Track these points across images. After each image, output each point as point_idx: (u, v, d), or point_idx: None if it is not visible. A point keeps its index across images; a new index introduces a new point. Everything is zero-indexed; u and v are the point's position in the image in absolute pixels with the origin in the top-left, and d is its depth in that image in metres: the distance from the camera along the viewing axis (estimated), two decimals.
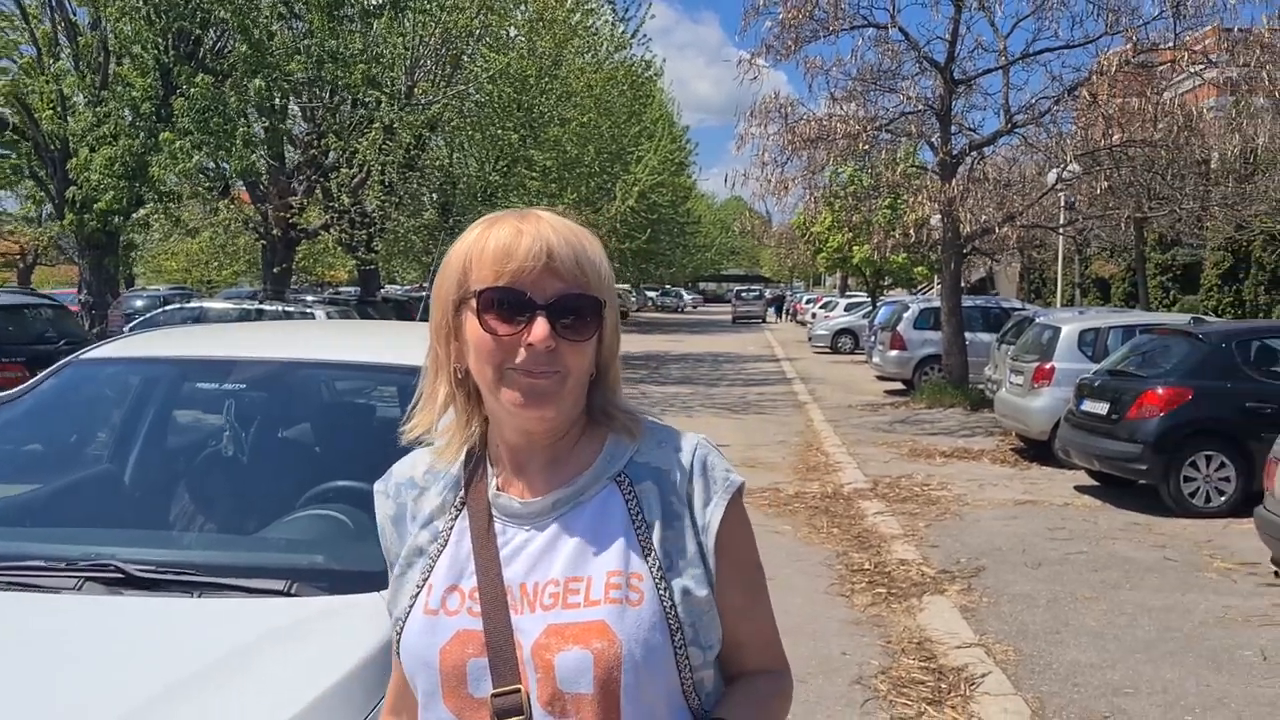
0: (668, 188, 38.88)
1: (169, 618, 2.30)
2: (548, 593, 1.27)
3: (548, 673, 1.23)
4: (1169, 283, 32.76)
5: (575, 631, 1.23)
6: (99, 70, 14.65)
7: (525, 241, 1.25)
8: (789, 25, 15.89)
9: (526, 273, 1.24)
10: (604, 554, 1.28)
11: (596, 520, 1.30)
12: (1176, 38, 15.36)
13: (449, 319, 1.31)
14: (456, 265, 1.30)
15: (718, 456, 1.36)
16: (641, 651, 1.23)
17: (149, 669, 2.06)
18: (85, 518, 3.06)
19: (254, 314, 15.94)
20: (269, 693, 1.99)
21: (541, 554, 1.30)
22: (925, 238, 18.36)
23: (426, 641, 1.29)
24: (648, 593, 1.26)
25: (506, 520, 1.32)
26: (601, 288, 1.29)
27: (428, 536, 1.36)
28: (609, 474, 1.33)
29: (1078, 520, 9.08)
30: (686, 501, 1.31)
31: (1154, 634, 6.04)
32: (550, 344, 1.24)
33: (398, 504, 1.42)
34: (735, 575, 1.33)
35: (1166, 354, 10.15)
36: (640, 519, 1.30)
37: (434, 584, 1.32)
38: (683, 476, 1.32)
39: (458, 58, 19.74)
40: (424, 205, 22.35)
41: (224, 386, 3.39)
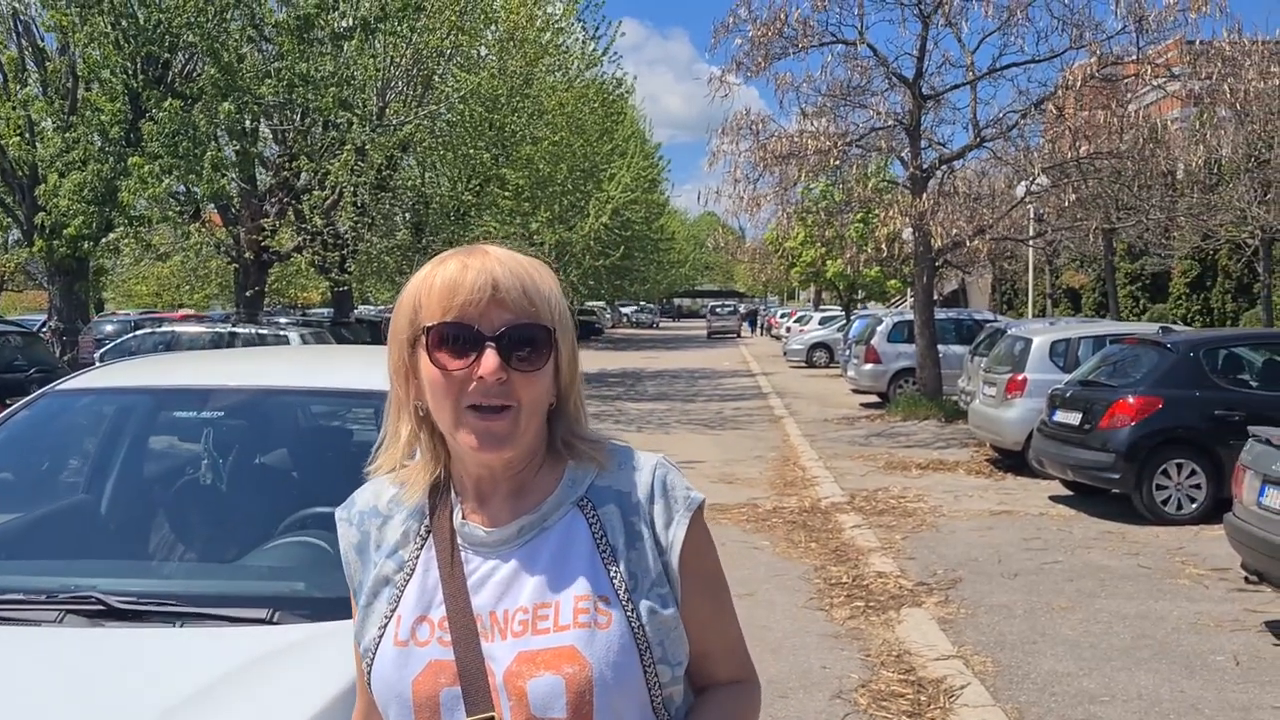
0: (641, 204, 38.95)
1: (152, 649, 2.31)
2: (517, 620, 1.28)
3: (520, 699, 1.25)
4: (1138, 292, 33.16)
5: (546, 658, 1.25)
6: (67, 95, 14.59)
7: (470, 275, 1.26)
8: (759, 42, 16.03)
9: (473, 306, 1.26)
10: (570, 579, 1.29)
11: (561, 546, 1.31)
12: (1140, 51, 15.59)
13: (405, 358, 1.32)
14: (408, 304, 1.31)
15: (677, 476, 1.38)
16: (612, 674, 1.25)
17: (135, 701, 2.07)
18: (64, 549, 3.05)
19: (227, 338, 15.87)
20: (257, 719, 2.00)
21: (509, 582, 1.31)
22: (897, 251, 18.51)
23: (398, 674, 1.30)
24: (615, 615, 1.28)
25: (472, 549, 1.33)
26: (551, 317, 1.30)
27: (393, 566, 1.36)
28: (571, 499, 1.34)
29: (1053, 530, 9.17)
30: (649, 522, 1.33)
31: (1129, 641, 6.10)
32: (500, 376, 1.25)
33: (361, 532, 1.41)
34: (700, 589, 1.36)
35: (1137, 363, 10.27)
36: (605, 542, 1.31)
37: (402, 615, 1.32)
38: (644, 497, 1.34)
39: (429, 78, 19.77)
40: (397, 226, 22.32)
41: (201, 415, 3.39)
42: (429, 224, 21.30)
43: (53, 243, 13.97)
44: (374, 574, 1.37)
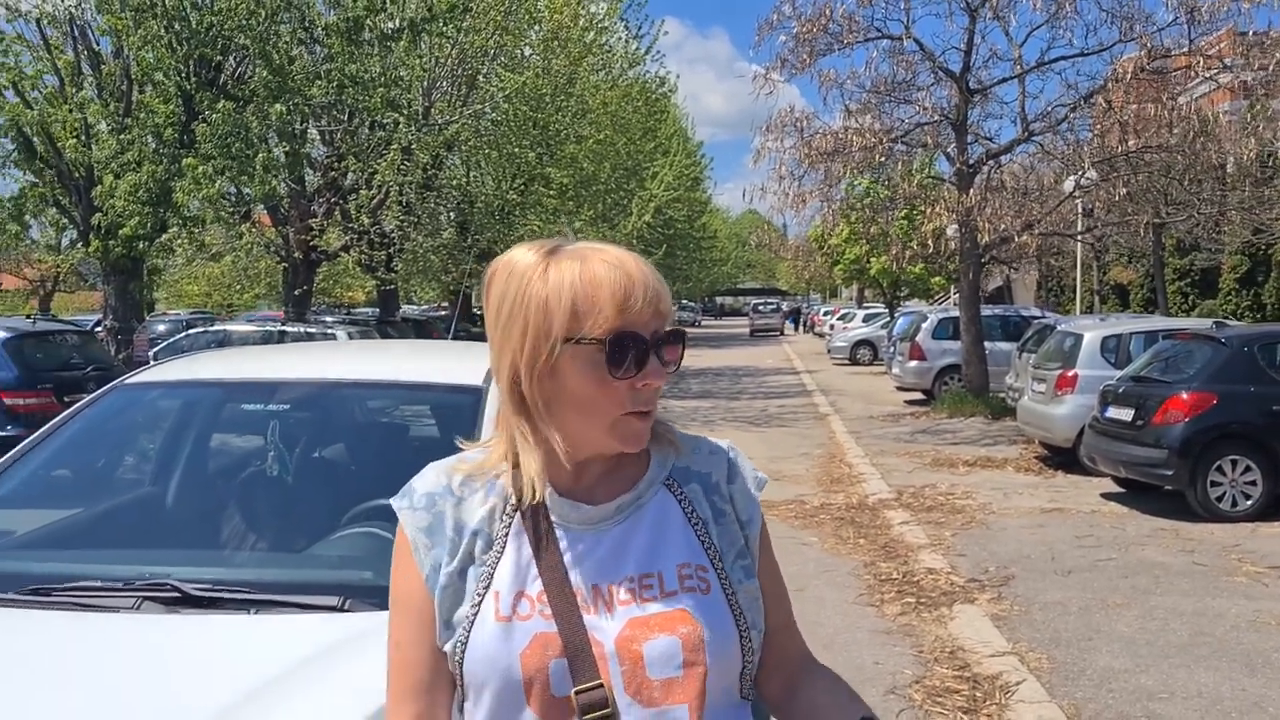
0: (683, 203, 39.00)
1: (228, 634, 2.36)
2: (624, 590, 1.33)
3: (636, 663, 1.30)
4: (1187, 288, 32.63)
5: (659, 621, 1.31)
6: (122, 98, 14.81)
7: (638, 282, 1.29)
8: (803, 39, 15.98)
9: (643, 314, 1.29)
10: (670, 550, 1.37)
11: (657, 521, 1.39)
12: (1191, 43, 15.36)
13: (544, 357, 1.30)
14: (562, 305, 1.29)
15: (745, 458, 1.49)
16: (718, 636, 1.33)
17: (214, 684, 2.12)
18: (137, 539, 3.13)
19: (276, 336, 16.09)
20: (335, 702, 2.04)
21: (610, 555, 1.36)
22: (942, 248, 18.37)
23: (503, 648, 1.30)
24: (713, 582, 1.36)
25: (567, 526, 1.36)
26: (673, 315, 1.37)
27: (480, 544, 1.36)
28: (660, 479, 1.42)
29: (1105, 527, 9.07)
30: (730, 500, 1.43)
31: (1186, 638, 6.03)
32: (665, 380, 1.33)
33: (432, 514, 1.39)
34: (769, 563, 1.47)
35: (1190, 359, 10.13)
36: (695, 517, 1.40)
37: (499, 590, 1.33)
38: (723, 478, 1.44)
39: (474, 78, 19.92)
40: (442, 225, 22.51)
41: (268, 407, 3.45)
42: (474, 223, 21.47)
43: (109, 243, 14.20)
44: (457, 553, 1.36)
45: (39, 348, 11.77)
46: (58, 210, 15.56)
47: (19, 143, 14.50)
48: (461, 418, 3.16)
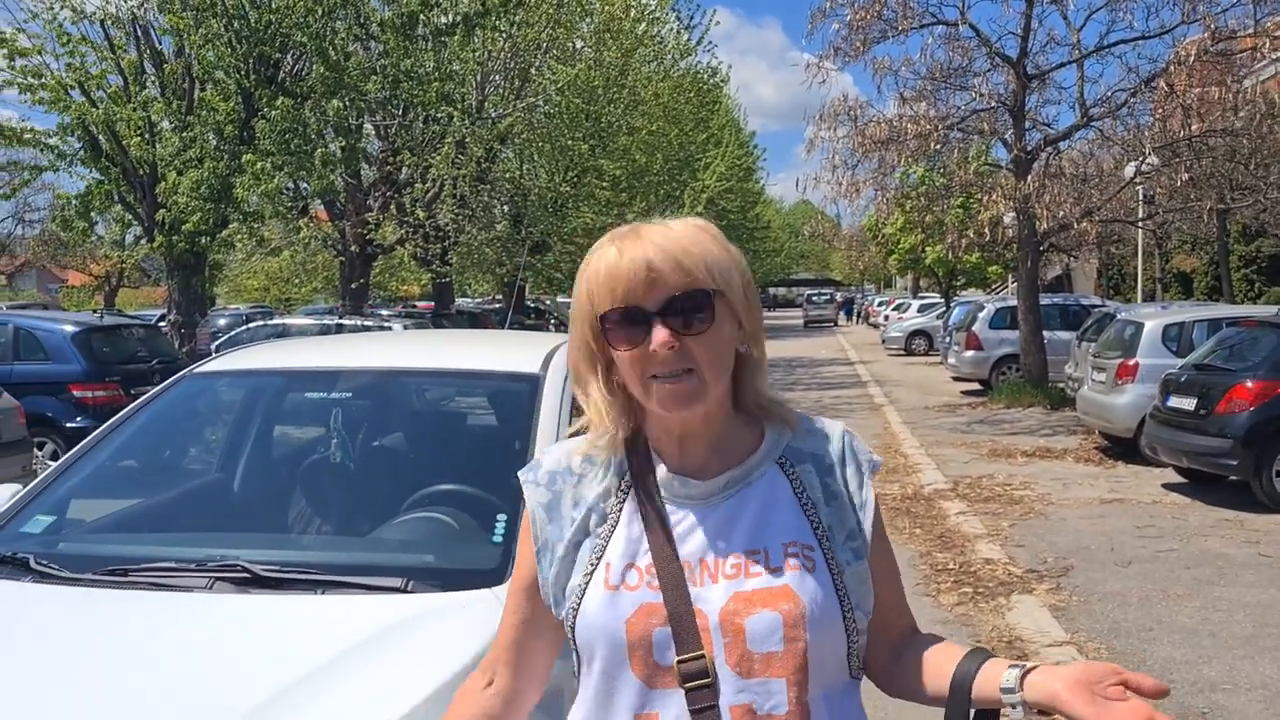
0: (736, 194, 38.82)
1: (298, 613, 2.43)
2: (729, 564, 1.38)
3: (737, 635, 1.35)
4: (1254, 275, 31.88)
5: (762, 596, 1.36)
6: (184, 96, 15.12)
7: (625, 261, 1.36)
8: (857, 26, 15.83)
9: (634, 288, 1.35)
10: (778, 527, 1.41)
11: (767, 498, 1.43)
12: (1257, 24, 15.00)
13: (589, 339, 1.42)
14: (582, 292, 1.41)
15: (860, 441, 1.52)
16: (820, 613, 1.36)
17: (287, 658, 2.19)
18: (208, 522, 3.23)
19: (334, 329, 16.34)
20: (398, 680, 2.10)
21: (718, 530, 1.40)
22: (999, 236, 18.12)
23: (609, 614, 1.38)
24: (818, 561, 1.40)
25: (677, 501, 1.42)
26: (711, 279, 1.37)
27: (595, 519, 1.44)
28: (773, 457, 1.46)
29: (1167, 518, 8.93)
30: (844, 482, 1.46)
31: (1251, 630, 5.93)
32: (671, 344, 1.34)
33: (552, 491, 1.48)
34: (881, 544, 1.49)
35: (1255, 347, 9.92)
36: (805, 496, 1.44)
37: (610, 561, 1.41)
38: (837, 460, 1.47)
39: (527, 71, 20.03)
40: (496, 217, 22.68)
41: (331, 395, 3.53)
42: (527, 215, 21.59)
43: (172, 238, 14.51)
44: (572, 528, 1.45)
45: (106, 341, 12.08)
46: (123, 207, 15.92)
47: (85, 141, 14.86)
48: (519, 405, 3.22)
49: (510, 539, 2.72)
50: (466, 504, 3.08)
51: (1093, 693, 1.27)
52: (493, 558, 2.70)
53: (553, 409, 3.13)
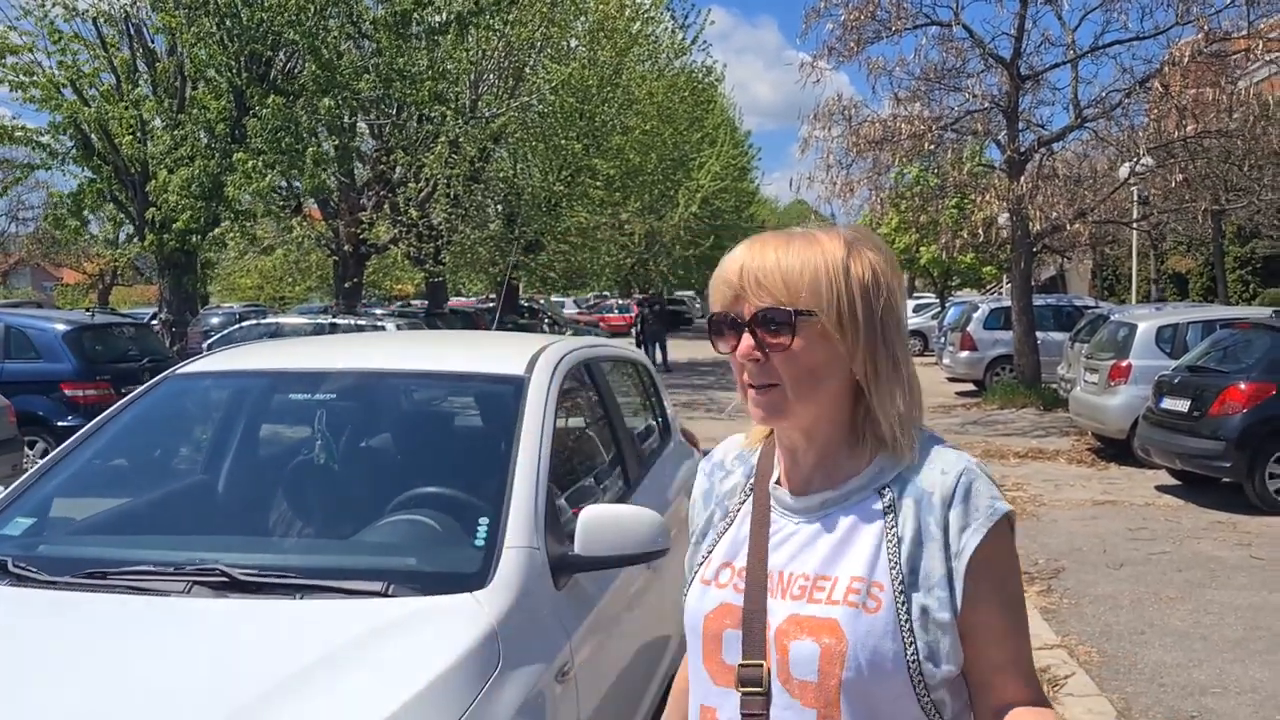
0: (730, 193, 38.86)
1: (275, 618, 2.40)
2: (797, 584, 1.38)
3: (784, 655, 1.35)
4: (1249, 276, 31.93)
5: (811, 625, 1.34)
6: (176, 94, 15.08)
7: (728, 267, 1.40)
8: (851, 26, 15.82)
9: (730, 297, 1.39)
10: (852, 559, 1.36)
11: (854, 526, 1.38)
12: (1250, 25, 15.01)
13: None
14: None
15: (985, 484, 1.38)
16: (867, 656, 1.31)
17: (261, 665, 2.16)
18: (188, 525, 3.20)
19: (327, 328, 16.29)
20: (375, 687, 2.07)
21: (801, 547, 1.41)
22: (994, 237, 18.12)
23: (697, 606, 1.45)
24: (885, 603, 1.33)
25: (780, 511, 1.45)
26: (797, 299, 1.34)
27: (720, 514, 1.53)
28: (875, 486, 1.39)
29: (1159, 520, 8.92)
30: (944, 525, 1.35)
31: (1241, 633, 5.92)
32: (754, 355, 1.36)
33: (709, 480, 1.58)
34: (989, 599, 1.35)
35: (1249, 349, 9.91)
36: (894, 533, 1.36)
37: (714, 558, 1.48)
38: (942, 500, 1.36)
39: (520, 70, 19.99)
40: (489, 216, 22.65)
41: (315, 397, 3.50)
42: (521, 214, 21.55)
43: (163, 236, 14.47)
44: (705, 517, 1.55)
45: (97, 340, 12.03)
46: (115, 205, 15.89)
47: (77, 140, 14.82)
48: (504, 407, 3.19)
49: (492, 543, 2.70)
50: (450, 507, 3.06)
51: None
52: (475, 561, 2.67)
53: (537, 411, 3.11)
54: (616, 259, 29.38)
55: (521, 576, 2.61)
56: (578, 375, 3.74)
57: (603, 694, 2.95)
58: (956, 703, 1.37)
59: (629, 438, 4.13)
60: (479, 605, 2.47)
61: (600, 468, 3.90)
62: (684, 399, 18.43)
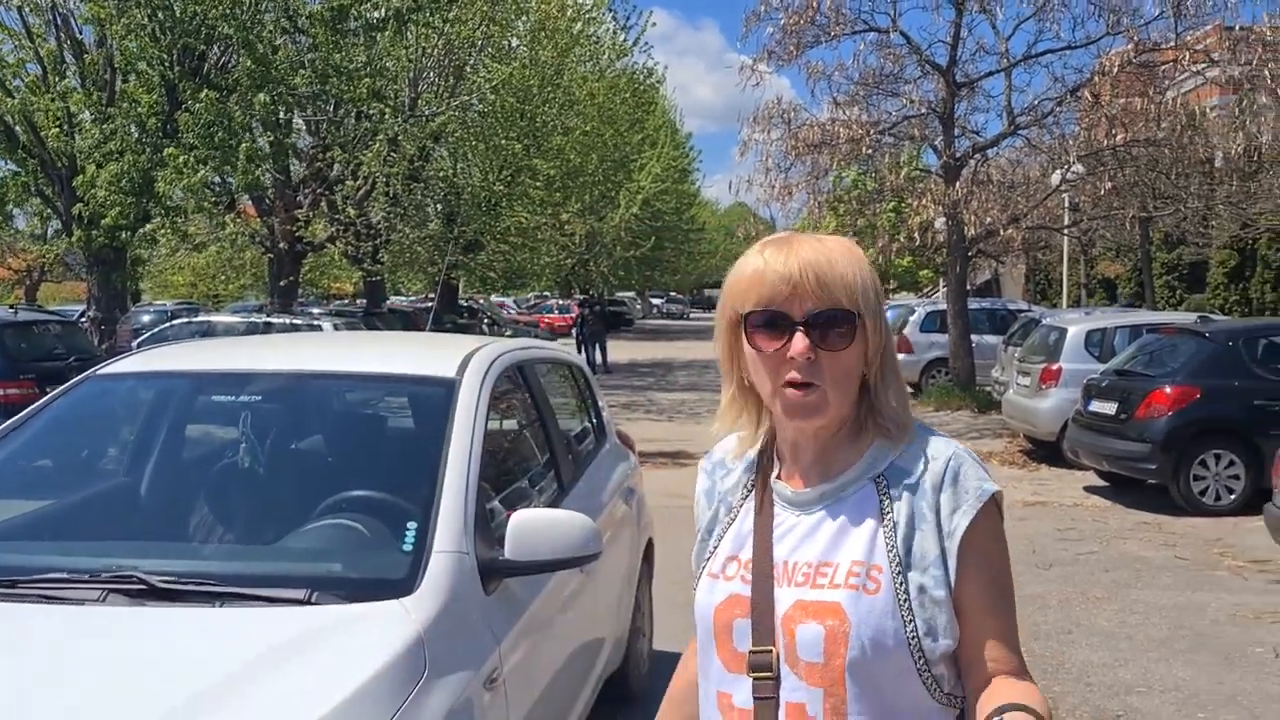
0: (671, 195, 38.95)
1: (193, 627, 2.34)
2: (800, 572, 1.45)
3: (790, 639, 1.42)
4: (1175, 282, 32.76)
5: (816, 608, 1.41)
6: (105, 87, 14.73)
7: (775, 266, 1.42)
8: (790, 30, 15.94)
9: (781, 296, 1.41)
10: (851, 545, 1.44)
11: (852, 515, 1.46)
12: (1178, 37, 15.38)
13: (728, 338, 1.51)
14: (727, 291, 1.49)
15: (973, 467, 1.46)
16: (871, 634, 1.38)
17: (175, 679, 2.10)
18: (106, 530, 3.10)
19: (262, 327, 16.01)
20: (294, 699, 2.02)
21: (804, 538, 1.47)
22: (930, 241, 18.34)
23: (706, 599, 1.51)
24: (885, 584, 1.40)
25: (782, 505, 1.51)
26: (855, 300, 1.42)
27: (724, 510, 1.58)
28: (869, 475, 1.47)
29: (1088, 520, 9.09)
30: (936, 508, 1.43)
31: (1166, 632, 6.04)
32: (809, 355, 1.40)
33: (711, 479, 1.63)
34: (979, 577, 1.43)
35: (1174, 353, 10.14)
36: (889, 519, 1.44)
37: (719, 552, 1.54)
38: (933, 485, 1.44)
39: (460, 69, 19.82)
40: (429, 216, 22.41)
41: (240, 399, 3.42)
42: (461, 214, 21.38)
43: (91, 233, 14.12)
44: (710, 514, 1.60)
45: (21, 337, 11.69)
46: (41, 200, 15.47)
47: (1, 131, 14.40)
48: (434, 409, 3.15)
49: (420, 548, 2.65)
50: (378, 511, 3.00)
51: None
52: (402, 566, 2.63)
53: (468, 413, 3.07)
54: (557, 259, 29.32)
55: (450, 582, 2.57)
56: (511, 377, 3.71)
57: (533, 699, 2.92)
58: (953, 678, 1.45)
59: (563, 440, 4.10)
60: (405, 612, 2.42)
61: (534, 470, 3.87)
62: (623, 400, 18.42)
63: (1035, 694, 1.41)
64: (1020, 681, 1.42)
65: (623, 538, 4.46)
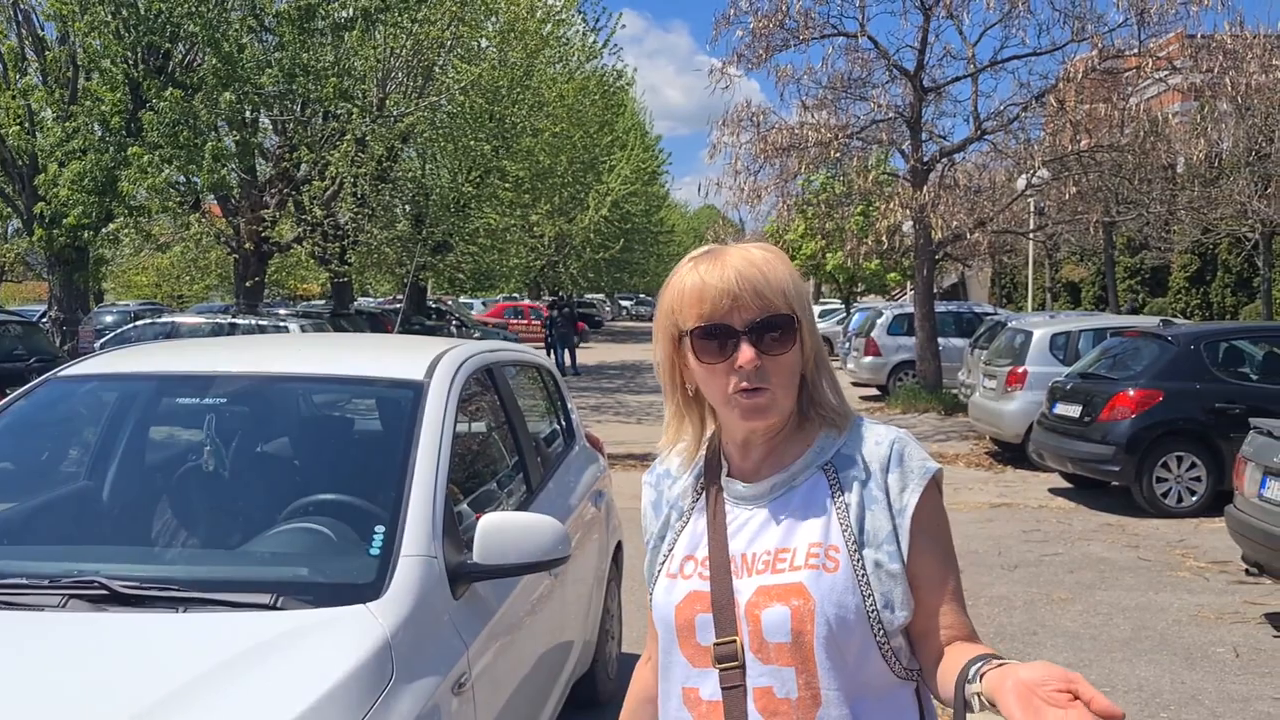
0: (640, 197, 38.93)
1: (155, 634, 2.30)
2: (760, 560, 1.50)
3: (755, 625, 1.47)
4: (1138, 286, 33.15)
5: (778, 591, 1.47)
6: (67, 85, 14.55)
7: (712, 281, 1.48)
8: (760, 34, 15.97)
9: (722, 310, 1.47)
10: (807, 529, 1.50)
11: (804, 502, 1.53)
12: (1141, 44, 15.55)
13: (670, 352, 1.56)
14: (664, 307, 1.54)
15: (915, 448, 1.55)
16: (834, 610, 1.45)
17: (136, 686, 2.06)
18: (67, 534, 3.05)
19: (227, 329, 15.85)
20: (258, 706, 1.99)
21: (759, 529, 1.53)
22: (898, 244, 18.46)
23: (665, 599, 1.56)
24: (843, 562, 1.47)
25: (734, 502, 1.57)
26: (789, 306, 1.49)
27: (675, 515, 1.63)
28: (818, 463, 1.55)
29: (1052, 522, 9.17)
30: (885, 488, 1.51)
31: (1129, 633, 6.11)
32: (756, 362, 1.46)
33: (656, 490, 1.68)
34: (929, 551, 1.51)
35: (1137, 356, 10.26)
36: (841, 501, 1.51)
37: (676, 553, 1.59)
38: (880, 467, 1.52)
39: (429, 69, 19.71)
40: (397, 217, 22.26)
41: (204, 401, 3.38)
42: (429, 215, 21.25)
43: (52, 232, 13.94)
44: (660, 521, 1.65)
45: None
46: (1, 199, 15.24)
47: None
48: (402, 412, 3.12)
49: (388, 552, 2.63)
50: (345, 514, 2.98)
51: (1034, 695, 1.23)
52: (369, 571, 2.60)
53: (436, 416, 3.05)
54: (526, 261, 29.20)
55: (418, 586, 2.56)
56: (480, 379, 3.69)
57: (502, 704, 2.91)
58: (909, 651, 1.52)
59: (532, 443, 4.09)
60: (373, 617, 2.40)
61: (502, 473, 3.85)
62: (592, 402, 18.40)
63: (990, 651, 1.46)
64: (974, 644, 1.49)
65: (592, 541, 4.45)
